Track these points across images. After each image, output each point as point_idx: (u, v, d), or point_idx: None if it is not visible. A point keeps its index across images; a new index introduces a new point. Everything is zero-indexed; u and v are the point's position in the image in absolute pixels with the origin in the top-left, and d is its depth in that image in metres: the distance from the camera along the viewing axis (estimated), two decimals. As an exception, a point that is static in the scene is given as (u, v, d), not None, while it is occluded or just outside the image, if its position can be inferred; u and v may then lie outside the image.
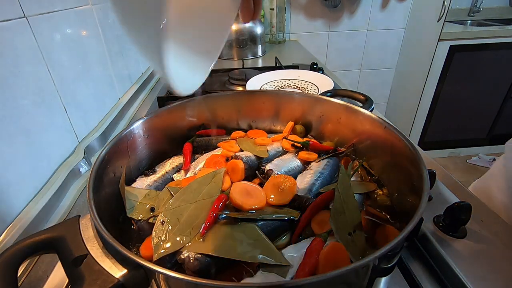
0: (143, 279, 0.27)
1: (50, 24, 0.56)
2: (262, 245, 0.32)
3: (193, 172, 0.47)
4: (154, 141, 0.50)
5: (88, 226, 0.30)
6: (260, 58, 1.43)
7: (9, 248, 0.28)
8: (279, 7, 1.58)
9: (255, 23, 1.38)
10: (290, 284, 0.24)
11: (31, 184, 0.48)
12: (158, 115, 0.50)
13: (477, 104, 1.86)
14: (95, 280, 0.26)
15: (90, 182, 0.33)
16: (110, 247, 0.28)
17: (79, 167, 0.59)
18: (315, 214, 0.37)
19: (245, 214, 0.35)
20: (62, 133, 0.58)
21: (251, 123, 0.61)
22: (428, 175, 0.32)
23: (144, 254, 0.35)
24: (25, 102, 0.48)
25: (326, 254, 0.30)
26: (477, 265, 0.37)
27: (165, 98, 0.88)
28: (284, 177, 0.42)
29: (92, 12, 0.72)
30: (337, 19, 1.82)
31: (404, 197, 0.39)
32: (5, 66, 0.45)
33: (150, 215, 0.38)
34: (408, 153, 0.38)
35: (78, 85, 0.64)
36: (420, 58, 1.81)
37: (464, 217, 0.40)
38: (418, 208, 0.28)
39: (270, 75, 0.96)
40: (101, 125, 0.71)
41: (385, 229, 0.35)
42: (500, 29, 1.68)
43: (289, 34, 1.82)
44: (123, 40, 0.90)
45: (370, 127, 0.47)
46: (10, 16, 0.46)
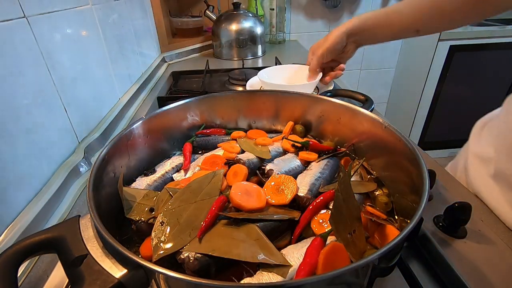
0: (143, 279, 0.27)
1: (50, 24, 0.56)
2: (262, 245, 0.32)
3: (192, 172, 0.47)
4: (154, 141, 0.50)
5: (88, 226, 0.30)
6: (260, 58, 1.43)
7: (9, 248, 0.28)
8: (279, 7, 1.58)
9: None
10: (290, 284, 0.24)
11: (31, 184, 0.48)
12: (158, 115, 0.50)
13: (477, 104, 1.86)
14: (95, 280, 0.26)
15: (90, 182, 0.33)
16: (110, 247, 0.28)
17: (79, 167, 0.59)
18: (315, 214, 0.37)
19: (245, 214, 0.35)
20: (62, 133, 0.58)
21: (251, 123, 0.61)
22: (428, 175, 0.32)
23: (144, 254, 0.35)
24: (25, 102, 0.48)
25: (326, 254, 0.30)
26: (477, 265, 0.37)
27: (165, 98, 0.88)
28: (284, 177, 0.42)
29: (92, 12, 0.72)
30: (337, 19, 1.82)
31: (404, 197, 0.39)
32: (5, 66, 0.45)
33: (149, 215, 0.38)
34: (408, 153, 0.38)
35: (78, 85, 0.64)
36: (420, 58, 1.81)
37: (464, 217, 0.40)
38: (418, 208, 0.28)
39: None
40: (101, 125, 0.71)
41: (385, 229, 0.35)
42: (500, 29, 1.68)
43: (289, 34, 1.82)
44: (123, 40, 0.90)
45: (370, 127, 0.47)
46: (10, 16, 0.46)
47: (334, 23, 1.83)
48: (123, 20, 0.91)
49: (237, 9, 1.38)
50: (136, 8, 1.05)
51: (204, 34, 1.56)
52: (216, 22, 1.39)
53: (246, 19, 1.36)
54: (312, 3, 1.74)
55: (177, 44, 1.42)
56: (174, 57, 1.41)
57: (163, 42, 1.34)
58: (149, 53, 1.19)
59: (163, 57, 1.34)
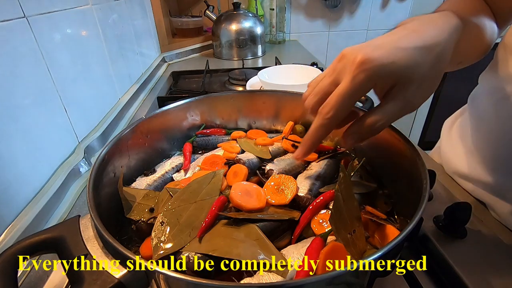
0: (143, 279, 0.27)
1: (50, 24, 0.56)
2: (262, 245, 0.32)
3: (192, 172, 0.47)
4: (154, 141, 0.50)
5: (88, 226, 0.30)
6: (260, 58, 1.43)
7: (9, 248, 0.28)
8: (279, 7, 1.58)
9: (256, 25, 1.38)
10: (290, 284, 0.24)
11: (31, 184, 0.48)
12: (158, 115, 0.50)
13: (477, 104, 1.86)
14: (95, 280, 0.26)
15: (90, 182, 0.33)
16: (110, 247, 0.28)
17: (79, 167, 0.59)
18: (315, 214, 0.37)
19: (245, 214, 0.35)
20: (62, 133, 0.58)
21: (251, 123, 0.61)
22: (428, 175, 0.32)
23: (144, 254, 0.35)
24: (25, 102, 0.48)
25: (326, 254, 0.30)
26: (477, 265, 0.37)
27: (165, 98, 0.88)
28: (284, 177, 0.42)
29: (92, 12, 0.72)
30: (337, 19, 1.82)
31: (404, 197, 0.39)
32: (5, 66, 0.45)
33: (149, 215, 0.38)
34: (408, 153, 0.38)
35: (78, 85, 0.64)
36: (420, 58, 1.80)
37: (464, 217, 0.40)
38: (418, 208, 0.28)
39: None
40: (101, 125, 0.71)
41: (385, 229, 0.35)
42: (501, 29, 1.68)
43: (289, 34, 1.82)
44: (123, 40, 0.90)
45: (370, 127, 0.47)
46: (10, 16, 0.46)
47: (334, 23, 1.83)
48: (123, 20, 0.91)
49: (237, 9, 1.38)
50: (136, 8, 1.05)
51: (204, 34, 1.56)
52: (216, 22, 1.39)
53: (246, 19, 1.36)
54: (312, 3, 1.74)
55: (177, 44, 1.42)
56: (174, 57, 1.41)
57: (163, 42, 1.34)
58: (149, 53, 1.19)
59: (163, 57, 1.34)
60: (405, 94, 0.29)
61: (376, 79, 0.28)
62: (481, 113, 0.49)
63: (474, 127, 0.51)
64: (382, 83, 0.30)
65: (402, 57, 0.28)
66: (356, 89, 0.29)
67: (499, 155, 0.45)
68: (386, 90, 0.30)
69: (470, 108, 0.54)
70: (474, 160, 0.50)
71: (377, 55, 0.28)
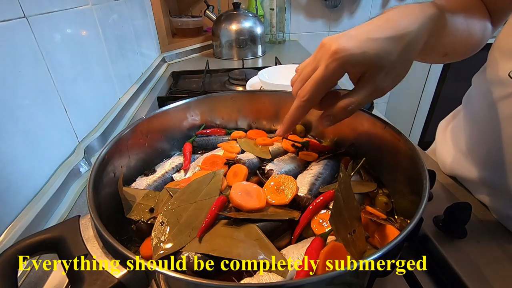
0: (143, 279, 0.27)
1: (50, 24, 0.56)
2: (262, 245, 0.32)
3: (192, 172, 0.47)
4: (154, 141, 0.50)
5: (88, 226, 0.30)
6: (260, 58, 1.43)
7: (9, 248, 0.28)
8: (279, 7, 1.58)
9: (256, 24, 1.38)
10: (290, 284, 0.24)
11: (31, 184, 0.48)
12: (158, 115, 0.50)
13: (477, 104, 1.86)
14: (95, 280, 0.26)
15: (90, 182, 0.33)
16: (110, 247, 0.28)
17: (79, 167, 0.59)
18: (315, 214, 0.37)
19: (245, 214, 0.35)
20: (62, 133, 0.58)
21: (251, 123, 0.61)
22: (428, 175, 0.32)
23: (144, 254, 0.35)
24: (25, 102, 0.48)
25: (326, 254, 0.30)
26: (477, 265, 0.37)
27: (165, 98, 0.88)
28: (284, 177, 0.42)
29: (92, 12, 0.72)
30: (337, 19, 1.82)
31: (404, 197, 0.39)
32: (5, 66, 0.45)
33: (149, 215, 0.38)
34: (408, 153, 0.38)
35: (78, 85, 0.64)
36: (420, 58, 1.80)
37: (464, 217, 0.40)
38: (418, 208, 0.28)
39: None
40: (101, 125, 0.71)
41: (385, 229, 0.35)
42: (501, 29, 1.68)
43: (289, 34, 1.82)
44: (123, 40, 0.90)
45: (370, 127, 0.47)
46: (10, 16, 0.46)
47: (334, 23, 1.83)
48: (123, 20, 0.91)
49: (237, 9, 1.38)
50: (136, 8, 1.05)
51: (204, 34, 1.56)
52: (216, 22, 1.39)
53: (246, 19, 1.36)
54: (312, 3, 1.74)
55: (177, 44, 1.42)
56: (174, 57, 1.41)
57: (163, 42, 1.34)
58: (149, 53, 1.19)
59: (163, 57, 1.34)
60: (375, 80, 0.32)
61: (347, 67, 0.32)
62: (474, 114, 0.49)
63: (468, 128, 0.51)
64: (354, 71, 0.33)
65: (372, 47, 0.31)
66: (329, 76, 0.32)
67: (492, 156, 0.45)
68: (359, 76, 0.33)
69: (465, 109, 0.54)
70: (468, 161, 0.50)
71: (350, 45, 0.31)
